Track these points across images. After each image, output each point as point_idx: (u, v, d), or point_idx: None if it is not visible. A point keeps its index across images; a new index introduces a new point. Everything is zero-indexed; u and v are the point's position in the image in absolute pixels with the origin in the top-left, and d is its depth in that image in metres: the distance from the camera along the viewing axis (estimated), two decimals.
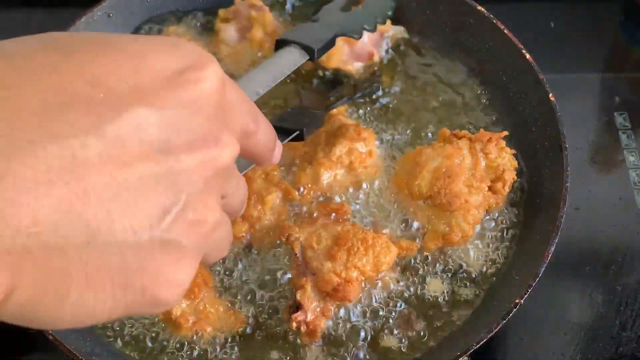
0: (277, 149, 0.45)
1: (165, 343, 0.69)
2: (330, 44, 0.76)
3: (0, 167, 0.26)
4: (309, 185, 0.75)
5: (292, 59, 0.69)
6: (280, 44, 0.72)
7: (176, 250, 0.31)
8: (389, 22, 0.87)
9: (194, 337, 0.69)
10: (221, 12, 0.89)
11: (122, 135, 0.29)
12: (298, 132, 0.67)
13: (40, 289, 0.28)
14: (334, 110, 0.80)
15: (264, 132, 0.40)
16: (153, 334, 0.69)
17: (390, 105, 0.85)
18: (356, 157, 0.75)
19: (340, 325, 0.69)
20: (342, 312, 0.70)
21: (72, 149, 0.27)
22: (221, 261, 0.73)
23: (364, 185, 0.77)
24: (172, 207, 0.31)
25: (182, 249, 0.32)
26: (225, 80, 0.34)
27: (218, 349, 0.69)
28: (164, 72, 0.31)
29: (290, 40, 0.71)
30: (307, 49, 0.71)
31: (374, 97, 0.85)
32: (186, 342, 0.68)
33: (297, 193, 0.74)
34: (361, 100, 0.85)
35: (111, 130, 0.28)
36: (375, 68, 0.88)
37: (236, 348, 0.69)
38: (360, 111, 0.84)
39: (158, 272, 0.31)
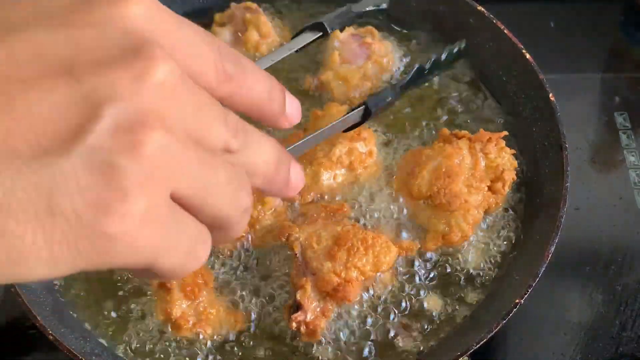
0: (290, 104, 0.40)
1: (165, 344, 0.69)
2: (342, 17, 0.81)
3: None
4: (309, 186, 0.75)
5: (303, 36, 0.76)
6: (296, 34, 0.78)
7: (112, 172, 0.28)
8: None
9: (195, 338, 0.69)
10: (217, 16, 0.90)
11: (16, 54, 0.28)
12: (363, 106, 0.67)
13: None
14: (333, 111, 0.80)
15: (252, 76, 0.36)
16: (153, 335, 0.69)
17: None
18: (356, 157, 0.75)
19: (340, 325, 0.69)
20: (342, 312, 0.70)
21: None
22: (221, 261, 0.73)
23: (364, 185, 0.77)
24: (91, 124, 0.28)
25: (120, 171, 0.28)
26: (160, 8, 0.32)
27: (218, 349, 0.69)
28: None
29: (304, 27, 0.78)
30: (318, 25, 0.77)
31: None
32: (186, 343, 0.68)
33: (297, 194, 0.74)
34: None
35: (2, 50, 0.28)
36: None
37: (236, 348, 0.69)
38: None
39: (90, 195, 0.28)
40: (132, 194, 0.28)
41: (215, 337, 0.69)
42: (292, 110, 0.40)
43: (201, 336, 0.69)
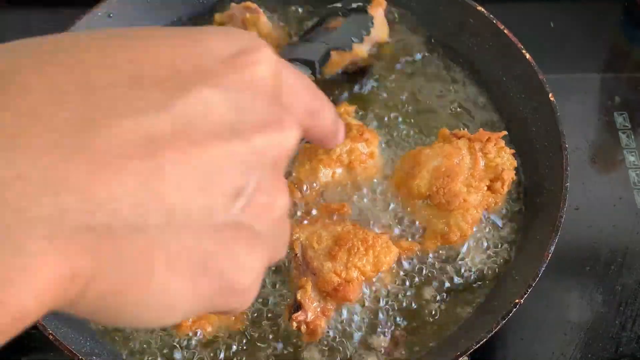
0: (340, 128, 0.43)
1: (165, 343, 0.69)
2: (326, 57, 0.81)
3: (73, 142, 0.25)
4: (309, 182, 0.75)
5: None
6: None
7: (249, 234, 0.30)
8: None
9: (194, 336, 0.69)
10: (216, 16, 0.90)
11: (190, 113, 0.28)
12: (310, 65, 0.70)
13: (122, 275, 0.26)
14: (341, 109, 0.80)
15: (329, 112, 0.39)
16: (153, 334, 0.69)
17: (390, 105, 0.85)
18: (356, 157, 0.75)
19: (341, 325, 0.69)
20: (342, 312, 0.70)
21: (144, 124, 0.26)
22: None
23: (364, 185, 0.77)
24: (245, 189, 0.29)
25: (254, 233, 0.31)
26: (279, 62, 0.33)
27: (217, 348, 0.69)
28: (221, 55, 0.30)
29: (292, 59, 0.76)
30: (308, 63, 0.77)
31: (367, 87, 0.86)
32: (186, 341, 0.69)
33: (299, 192, 0.74)
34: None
35: (180, 108, 0.28)
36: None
37: (235, 347, 0.69)
38: (363, 112, 0.84)
39: (233, 254, 0.30)
40: (258, 253, 0.31)
41: (214, 335, 0.69)
42: (342, 131, 0.44)
43: (200, 335, 0.69)
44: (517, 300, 0.65)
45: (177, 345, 0.69)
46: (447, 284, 0.72)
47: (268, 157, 0.31)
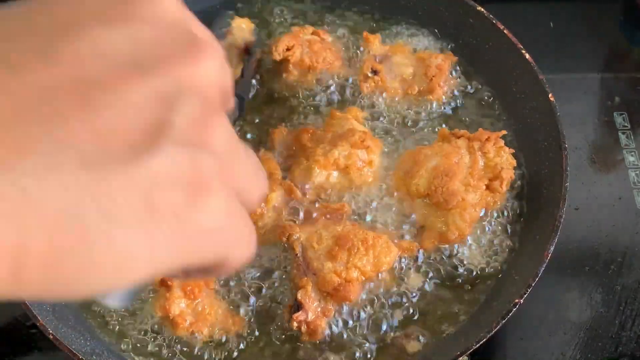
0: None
1: (164, 343, 0.69)
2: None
3: None
4: (302, 182, 0.75)
5: None
6: None
7: (196, 166, 0.28)
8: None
9: (191, 338, 0.69)
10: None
11: (81, 55, 0.27)
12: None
13: (59, 241, 0.25)
14: (350, 114, 0.80)
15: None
16: (153, 334, 0.69)
17: (390, 105, 0.85)
18: (353, 162, 0.75)
19: (341, 324, 0.69)
20: (342, 312, 0.70)
21: (34, 73, 0.26)
22: None
23: (362, 187, 0.77)
24: (170, 122, 0.28)
25: (202, 164, 0.28)
26: (182, 5, 0.32)
27: (214, 350, 0.69)
28: None
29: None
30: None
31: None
32: (182, 342, 0.68)
33: (299, 192, 0.74)
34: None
35: (67, 51, 0.27)
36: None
37: (235, 348, 0.69)
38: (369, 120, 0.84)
39: (180, 194, 0.27)
40: (215, 188, 0.28)
41: (211, 337, 0.69)
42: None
43: (197, 336, 0.69)
44: (517, 300, 0.65)
45: (176, 345, 0.69)
46: (447, 284, 0.72)
47: (188, 89, 0.29)
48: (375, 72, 0.84)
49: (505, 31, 0.83)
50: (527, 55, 0.81)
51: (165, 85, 0.28)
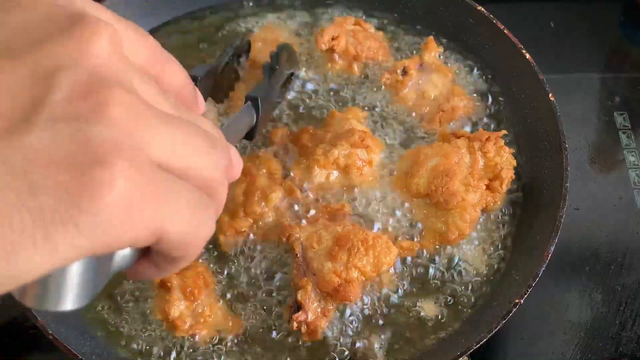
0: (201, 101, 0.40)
1: (164, 344, 0.69)
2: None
3: None
4: (302, 181, 0.75)
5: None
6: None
7: (84, 139, 0.27)
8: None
9: (191, 339, 0.69)
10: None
11: None
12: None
13: None
14: (350, 114, 0.80)
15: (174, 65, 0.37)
16: (153, 335, 0.69)
17: (392, 107, 0.85)
18: (353, 162, 0.75)
19: (341, 325, 0.69)
20: (342, 311, 0.70)
21: None
22: (222, 262, 0.73)
23: (363, 186, 0.77)
24: (47, 94, 0.27)
25: (92, 137, 0.27)
26: None
27: (213, 351, 0.69)
28: None
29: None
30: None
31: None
32: (182, 344, 0.68)
33: (299, 192, 0.74)
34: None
35: None
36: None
37: (233, 348, 0.69)
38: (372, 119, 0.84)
39: (68, 166, 0.26)
40: (111, 159, 0.27)
41: (211, 339, 0.69)
42: (202, 104, 0.41)
43: (197, 338, 0.69)
44: (517, 300, 0.65)
45: (176, 346, 0.69)
46: (447, 284, 0.72)
47: (69, 66, 0.28)
48: (405, 72, 0.83)
49: (505, 31, 0.83)
50: (527, 55, 0.81)
51: (42, 65, 0.28)
